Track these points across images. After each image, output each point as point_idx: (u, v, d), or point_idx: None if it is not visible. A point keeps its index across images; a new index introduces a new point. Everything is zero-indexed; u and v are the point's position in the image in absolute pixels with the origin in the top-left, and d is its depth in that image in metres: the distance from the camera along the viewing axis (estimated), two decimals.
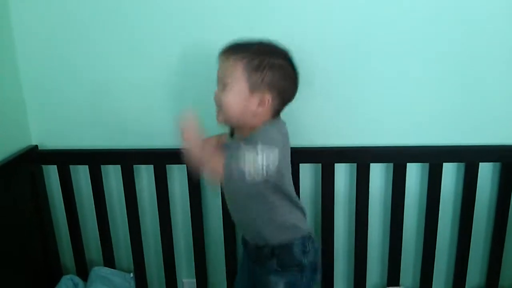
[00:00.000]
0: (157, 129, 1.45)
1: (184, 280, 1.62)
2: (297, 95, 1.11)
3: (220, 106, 1.05)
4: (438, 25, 1.28)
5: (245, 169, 0.93)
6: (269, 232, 1.11)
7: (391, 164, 1.39)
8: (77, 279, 1.54)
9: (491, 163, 1.40)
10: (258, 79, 1.00)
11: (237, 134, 1.12)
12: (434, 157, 1.37)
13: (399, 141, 1.38)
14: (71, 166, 1.50)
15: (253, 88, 1.01)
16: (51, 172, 1.53)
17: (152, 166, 1.45)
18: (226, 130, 1.30)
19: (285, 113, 1.12)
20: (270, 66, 1.00)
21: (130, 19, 1.35)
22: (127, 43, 1.38)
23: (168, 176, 1.46)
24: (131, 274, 1.57)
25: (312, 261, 1.14)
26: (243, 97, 1.01)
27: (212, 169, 1.00)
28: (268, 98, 1.02)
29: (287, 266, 1.11)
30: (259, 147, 0.95)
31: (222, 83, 1.03)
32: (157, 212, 1.49)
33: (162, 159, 1.44)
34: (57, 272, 1.58)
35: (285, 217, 1.11)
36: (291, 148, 1.13)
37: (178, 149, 1.42)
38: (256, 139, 0.98)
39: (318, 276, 1.19)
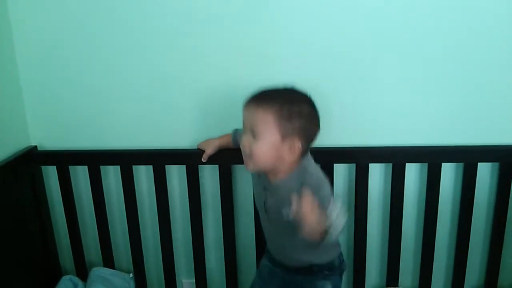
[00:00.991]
0: (156, 129, 1.45)
1: (184, 281, 1.63)
2: None
3: (250, 155, 1.07)
4: (437, 26, 1.29)
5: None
6: (316, 258, 1.16)
7: (390, 164, 1.40)
8: (77, 280, 1.54)
9: (489, 163, 1.40)
10: (289, 127, 1.02)
11: (271, 175, 1.12)
12: (433, 157, 1.37)
13: (398, 141, 1.38)
14: (70, 167, 1.50)
15: (284, 137, 1.03)
16: (51, 173, 1.53)
17: (151, 166, 1.45)
18: (223, 128, 1.31)
19: None
20: (299, 114, 1.03)
21: (129, 21, 1.35)
22: (126, 45, 1.38)
23: (167, 176, 1.46)
24: (131, 275, 1.57)
25: (344, 266, 1.25)
26: (275, 146, 1.04)
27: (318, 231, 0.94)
28: (298, 144, 1.04)
29: (334, 273, 1.20)
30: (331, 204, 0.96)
31: (252, 133, 1.05)
32: (157, 213, 1.49)
33: (161, 159, 1.44)
34: (57, 273, 1.58)
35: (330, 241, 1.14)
36: None
37: (177, 149, 1.44)
38: (310, 185, 1.01)
39: None
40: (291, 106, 1.03)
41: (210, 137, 1.39)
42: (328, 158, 1.39)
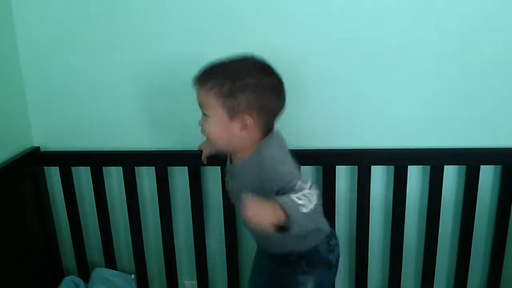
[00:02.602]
0: (159, 130, 1.45)
1: (186, 282, 1.63)
2: (298, 97, 1.11)
3: (207, 136, 1.05)
4: (439, 28, 1.29)
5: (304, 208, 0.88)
6: (297, 244, 1.10)
7: (392, 167, 1.39)
8: (79, 281, 1.54)
9: (492, 166, 1.40)
10: (233, 104, 0.96)
11: (235, 157, 1.09)
12: (435, 159, 1.37)
13: (400, 144, 1.38)
14: (73, 168, 1.50)
15: (231, 114, 0.97)
16: (53, 174, 1.54)
17: (153, 167, 1.45)
18: None
19: (285, 116, 1.12)
20: (242, 88, 0.96)
21: (132, 21, 1.36)
22: (130, 45, 1.38)
23: (169, 177, 1.46)
24: (133, 276, 1.57)
25: (337, 256, 1.17)
26: (224, 125, 0.99)
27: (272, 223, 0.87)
28: (249, 120, 0.98)
29: (316, 266, 1.12)
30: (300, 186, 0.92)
31: (202, 112, 1.02)
32: (159, 214, 1.50)
33: (163, 161, 1.44)
34: (59, 274, 1.59)
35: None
36: (292, 150, 1.13)
37: (179, 151, 1.44)
38: (268, 166, 0.97)
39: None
40: (233, 81, 0.96)
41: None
42: (330, 160, 1.39)
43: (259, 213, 0.84)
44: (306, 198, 0.89)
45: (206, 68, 1.02)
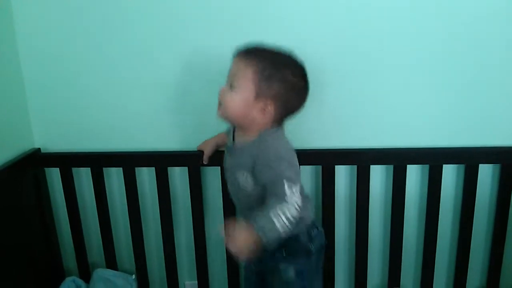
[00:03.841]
0: (159, 131, 1.46)
1: (186, 283, 1.63)
2: None
3: (222, 103, 1.07)
4: (438, 28, 1.29)
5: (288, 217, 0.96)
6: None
7: (391, 166, 1.40)
8: (80, 281, 1.55)
9: (491, 165, 1.40)
10: (265, 88, 1.01)
11: (238, 135, 1.13)
12: (434, 158, 1.37)
13: (399, 143, 1.39)
14: (73, 169, 1.51)
15: (258, 96, 1.02)
16: (54, 175, 1.54)
17: (153, 168, 1.46)
18: (223, 129, 1.32)
19: None
20: (280, 80, 1.01)
21: (133, 22, 1.36)
22: (130, 47, 1.39)
23: (169, 178, 1.47)
24: (133, 276, 1.58)
25: (318, 245, 1.18)
26: (246, 102, 1.03)
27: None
28: (270, 107, 1.03)
29: (295, 254, 1.14)
30: (288, 189, 0.97)
31: (230, 82, 1.04)
32: (159, 214, 1.50)
33: (164, 161, 1.45)
34: (60, 274, 1.59)
35: None
36: None
37: (179, 151, 1.45)
38: (270, 155, 1.01)
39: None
40: (276, 69, 1.01)
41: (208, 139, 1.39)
42: (329, 159, 1.39)
43: (239, 243, 0.95)
44: (287, 212, 0.96)
45: (258, 46, 1.06)
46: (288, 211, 0.96)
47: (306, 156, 1.37)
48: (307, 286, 1.15)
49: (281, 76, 1.01)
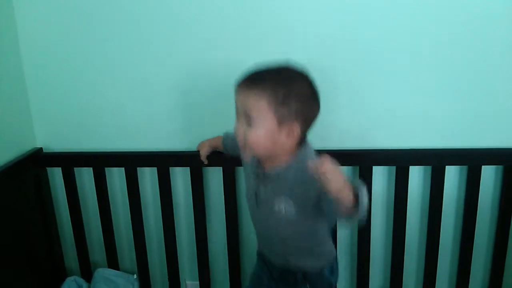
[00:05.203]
0: (161, 131, 1.46)
1: (188, 282, 1.63)
2: None
3: (245, 143, 0.98)
4: (442, 29, 1.29)
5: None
6: (308, 261, 1.10)
7: (394, 167, 1.40)
8: (81, 281, 1.55)
9: (493, 166, 1.40)
10: (285, 112, 0.94)
11: (268, 165, 1.05)
12: (436, 160, 1.37)
13: (402, 144, 1.38)
14: (75, 169, 1.51)
15: (281, 122, 0.95)
16: (56, 175, 1.54)
17: (155, 168, 1.46)
18: (225, 129, 1.31)
19: None
20: (296, 95, 0.95)
21: (136, 22, 1.36)
22: (132, 47, 1.38)
23: (171, 178, 1.47)
24: (135, 276, 1.58)
25: (337, 279, 1.16)
26: (272, 133, 0.95)
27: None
28: (297, 128, 0.96)
29: (318, 287, 1.12)
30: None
31: (246, 118, 0.96)
32: (161, 214, 1.50)
33: (165, 161, 1.45)
34: (61, 274, 1.59)
35: (325, 246, 1.12)
36: None
37: (181, 152, 1.44)
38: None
39: None
40: (287, 87, 0.94)
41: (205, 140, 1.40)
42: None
43: (337, 172, 0.82)
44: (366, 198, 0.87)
45: (254, 73, 0.98)
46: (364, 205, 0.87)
47: None
48: None
49: (295, 92, 0.95)
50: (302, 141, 1.02)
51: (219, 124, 1.40)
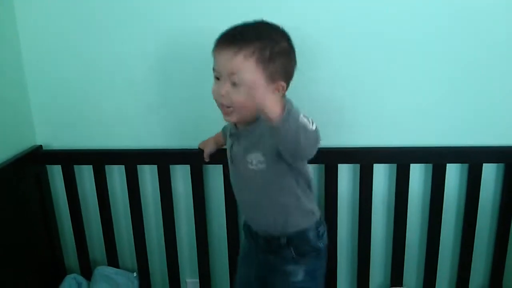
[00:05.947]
0: (161, 129, 1.46)
1: (188, 280, 1.63)
2: (299, 96, 1.10)
3: (232, 106, 0.97)
4: (443, 27, 1.28)
5: (310, 127, 0.85)
6: (289, 221, 1.06)
7: (395, 165, 1.39)
8: (81, 279, 1.55)
9: (494, 164, 1.40)
10: (272, 69, 0.93)
11: (246, 126, 1.04)
12: (437, 157, 1.37)
13: (403, 142, 1.38)
14: (75, 166, 1.50)
15: (269, 80, 0.94)
16: (56, 172, 1.54)
17: (155, 166, 1.46)
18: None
19: None
20: (279, 52, 0.94)
21: (135, 21, 1.36)
22: (132, 44, 1.38)
23: (171, 176, 1.46)
24: (135, 274, 1.58)
25: (326, 244, 1.13)
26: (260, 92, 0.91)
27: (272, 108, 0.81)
28: (282, 84, 0.97)
29: (305, 253, 1.09)
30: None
31: (231, 81, 0.94)
32: (161, 212, 1.50)
33: (165, 159, 1.44)
34: (61, 272, 1.59)
35: (306, 205, 1.08)
36: None
37: (181, 149, 1.44)
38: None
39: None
40: (272, 45, 0.93)
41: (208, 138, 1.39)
42: (332, 158, 1.39)
43: (268, 95, 0.82)
44: (308, 126, 0.85)
45: (234, 33, 0.95)
46: (308, 127, 0.85)
47: None
48: None
49: (279, 49, 0.94)
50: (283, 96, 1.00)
51: (221, 120, 1.40)
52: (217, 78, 0.99)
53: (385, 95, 1.36)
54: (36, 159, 1.46)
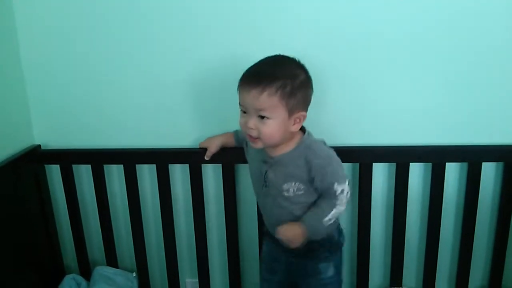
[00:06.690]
0: (160, 128, 1.45)
1: (187, 280, 1.63)
2: None
3: (258, 136, 1.07)
4: (441, 26, 1.28)
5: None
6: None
7: (394, 164, 1.39)
8: (80, 279, 1.54)
9: (494, 163, 1.40)
10: (294, 102, 1.04)
11: (272, 150, 1.13)
12: (437, 156, 1.37)
13: (402, 141, 1.38)
14: (74, 166, 1.50)
15: (291, 112, 1.05)
16: (54, 172, 1.53)
17: (154, 165, 1.45)
18: (225, 126, 1.31)
19: None
20: (300, 87, 1.05)
21: (134, 19, 1.36)
22: (131, 44, 1.38)
23: (170, 175, 1.46)
24: (134, 274, 1.57)
25: (345, 240, 1.26)
26: (284, 123, 1.05)
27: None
28: (303, 114, 1.08)
29: (334, 251, 1.21)
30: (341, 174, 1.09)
31: (258, 114, 1.05)
32: (160, 212, 1.49)
33: (164, 158, 1.44)
34: (60, 272, 1.59)
35: None
36: None
37: (180, 148, 1.44)
38: (322, 159, 1.09)
39: None
40: (292, 80, 1.03)
41: (213, 136, 1.39)
42: None
43: (291, 236, 1.07)
44: (337, 212, 1.09)
45: (256, 71, 1.06)
46: (337, 211, 1.08)
47: None
48: (341, 281, 1.23)
49: (299, 82, 1.05)
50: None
51: (219, 121, 1.40)
52: (244, 112, 1.09)
53: (385, 94, 1.35)
54: (35, 158, 1.46)
